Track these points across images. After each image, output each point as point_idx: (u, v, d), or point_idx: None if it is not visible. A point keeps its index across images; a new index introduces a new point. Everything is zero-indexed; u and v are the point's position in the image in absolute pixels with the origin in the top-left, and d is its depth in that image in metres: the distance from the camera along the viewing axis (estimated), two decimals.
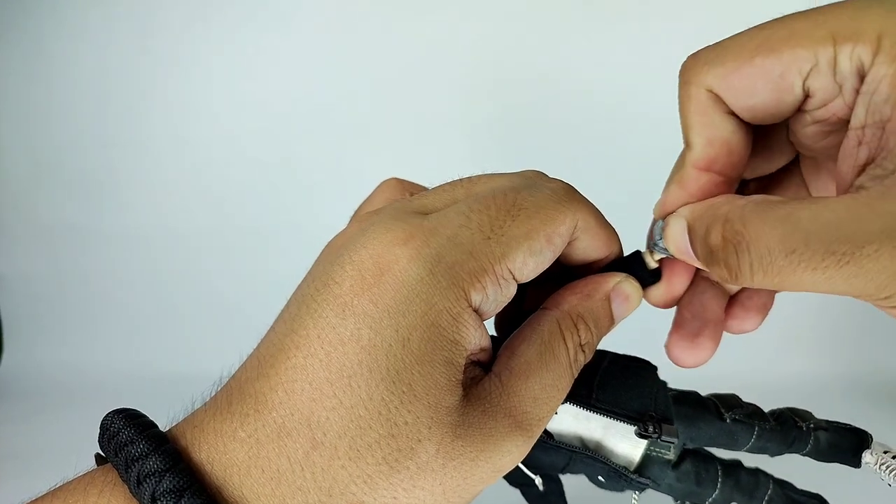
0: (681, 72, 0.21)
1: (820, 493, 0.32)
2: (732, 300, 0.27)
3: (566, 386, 0.21)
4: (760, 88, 0.20)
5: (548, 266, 0.21)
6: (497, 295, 0.20)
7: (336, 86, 0.69)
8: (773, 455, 0.29)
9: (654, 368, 0.29)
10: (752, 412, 0.29)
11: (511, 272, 0.20)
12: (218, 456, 0.17)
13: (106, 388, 0.63)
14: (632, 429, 0.26)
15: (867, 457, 0.29)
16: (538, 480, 0.27)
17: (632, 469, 0.27)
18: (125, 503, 0.17)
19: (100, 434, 0.18)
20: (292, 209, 0.70)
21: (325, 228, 0.30)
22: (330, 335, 0.18)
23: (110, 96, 0.69)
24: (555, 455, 0.26)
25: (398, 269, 0.18)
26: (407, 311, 0.18)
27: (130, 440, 0.17)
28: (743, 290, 0.27)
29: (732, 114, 0.21)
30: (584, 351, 0.22)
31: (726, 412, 0.28)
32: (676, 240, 0.21)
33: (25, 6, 0.68)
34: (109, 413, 0.19)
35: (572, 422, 0.26)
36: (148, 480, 0.17)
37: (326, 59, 0.70)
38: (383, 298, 0.18)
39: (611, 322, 0.23)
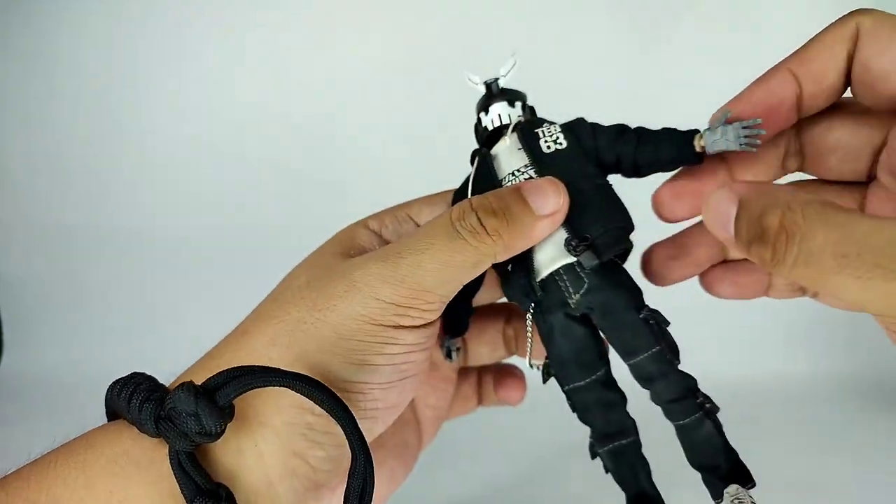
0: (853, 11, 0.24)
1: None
2: (725, 263, 0.32)
3: (442, 234, 0.25)
4: None
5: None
6: (396, 226, 0.30)
7: (337, 85, 0.69)
8: (647, 387, 0.28)
9: (631, 228, 0.28)
10: (672, 344, 0.27)
11: (409, 216, 0.30)
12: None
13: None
14: (565, 236, 0.27)
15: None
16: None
17: (537, 279, 0.27)
18: (149, 442, 0.22)
19: (117, 393, 0.23)
20: (294, 210, 0.70)
21: (325, 230, 0.30)
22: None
23: (111, 96, 0.69)
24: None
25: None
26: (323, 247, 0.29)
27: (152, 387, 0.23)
28: (743, 261, 0.31)
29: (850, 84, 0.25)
30: (475, 213, 0.25)
31: (644, 312, 0.27)
32: (720, 210, 0.22)
33: (25, 6, 0.68)
34: (118, 381, 0.24)
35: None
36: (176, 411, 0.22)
37: (327, 59, 0.70)
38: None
39: (516, 193, 0.26)
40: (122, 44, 0.69)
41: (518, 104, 0.31)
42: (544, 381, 0.29)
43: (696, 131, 0.28)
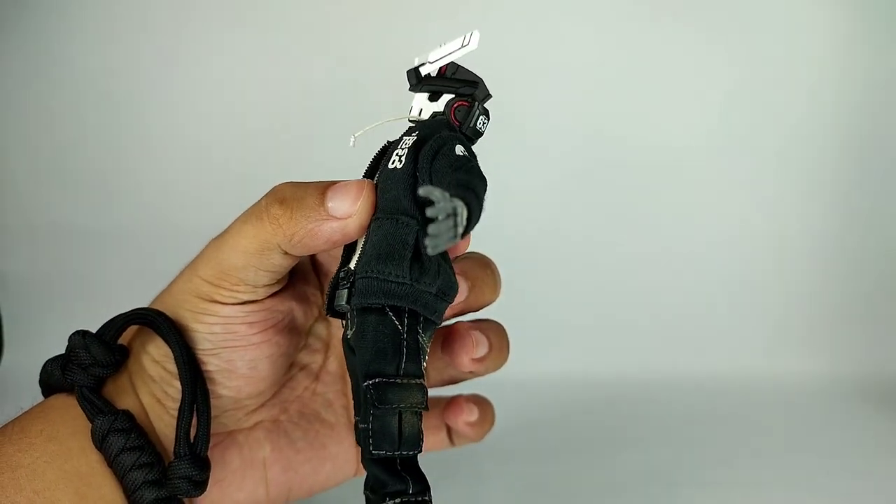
0: None
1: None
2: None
3: (243, 216, 0.28)
4: None
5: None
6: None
7: (338, 85, 0.69)
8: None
9: (404, 289, 0.24)
10: (380, 431, 0.23)
11: None
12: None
13: None
14: (353, 262, 0.25)
15: None
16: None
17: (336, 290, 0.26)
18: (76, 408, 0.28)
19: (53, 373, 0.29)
20: None
21: None
22: None
23: (111, 96, 0.69)
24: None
25: None
26: None
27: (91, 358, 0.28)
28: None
29: None
30: (279, 203, 0.26)
31: (368, 383, 0.23)
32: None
33: (25, 6, 0.67)
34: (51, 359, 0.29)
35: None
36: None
37: (329, 58, 0.70)
38: None
39: (322, 187, 0.26)
40: (122, 43, 0.69)
41: (445, 99, 0.27)
42: None
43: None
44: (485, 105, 0.27)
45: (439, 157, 0.24)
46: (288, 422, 0.33)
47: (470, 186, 0.22)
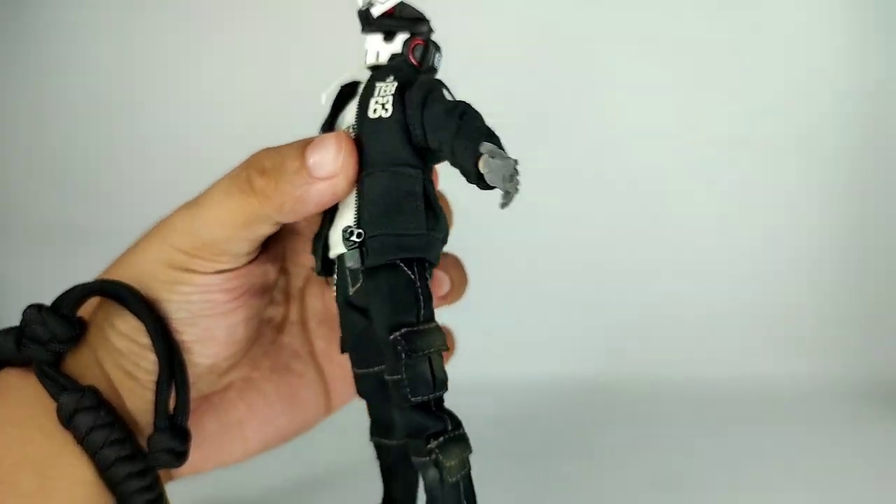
0: None
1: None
2: None
3: (223, 188, 0.26)
4: None
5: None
6: None
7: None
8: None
9: (418, 242, 0.24)
10: (416, 379, 0.23)
11: None
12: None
13: None
14: (351, 220, 0.25)
15: None
16: None
17: (329, 253, 0.26)
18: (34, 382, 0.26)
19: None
20: None
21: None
22: None
23: (110, 96, 0.69)
24: None
25: None
26: None
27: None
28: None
29: None
30: (247, 169, 0.25)
31: (396, 335, 0.23)
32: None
33: (25, 6, 0.67)
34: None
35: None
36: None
37: (328, 58, 0.69)
38: None
39: (298, 149, 0.25)
40: (122, 43, 0.69)
41: (400, 38, 0.26)
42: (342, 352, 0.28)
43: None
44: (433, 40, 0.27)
45: (430, 103, 0.23)
46: (260, 378, 0.33)
47: (490, 132, 0.22)
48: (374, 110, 0.24)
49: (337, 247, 0.25)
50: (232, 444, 0.32)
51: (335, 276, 0.26)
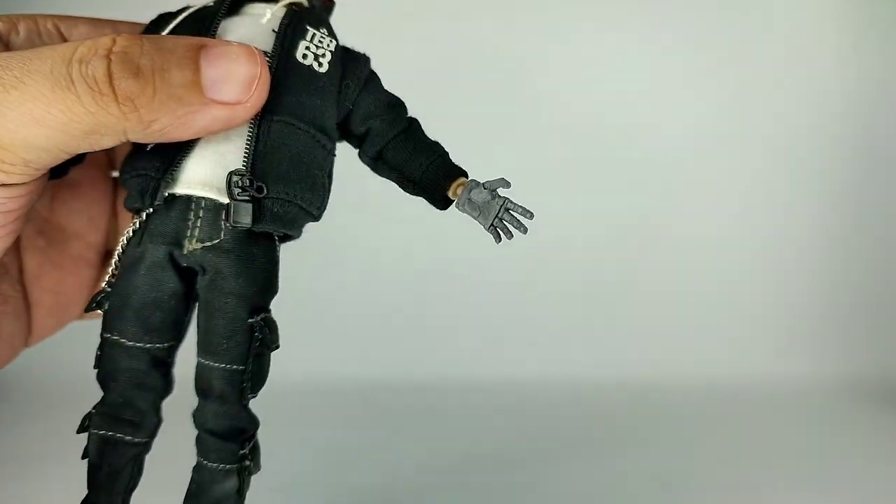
0: None
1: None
2: None
3: (46, 75, 0.17)
4: None
5: None
6: (32, 37, 0.23)
7: None
8: (199, 397, 0.22)
9: (315, 216, 0.22)
10: (260, 373, 0.21)
11: (59, 30, 0.24)
12: None
13: None
14: (240, 164, 0.20)
15: None
16: None
17: (169, 188, 0.21)
18: None
19: None
20: None
21: (326, 228, 0.30)
22: None
23: None
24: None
25: None
26: None
27: None
28: None
29: None
30: (107, 60, 0.17)
31: (257, 318, 0.20)
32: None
33: (24, 6, 0.67)
34: None
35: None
36: None
37: None
38: None
39: (193, 51, 0.18)
40: None
41: None
42: (87, 310, 0.21)
43: (463, 174, 0.22)
44: None
45: (372, 87, 0.22)
46: None
47: (436, 147, 0.22)
48: (305, 56, 0.21)
49: (201, 186, 0.19)
50: None
51: (152, 216, 0.20)
